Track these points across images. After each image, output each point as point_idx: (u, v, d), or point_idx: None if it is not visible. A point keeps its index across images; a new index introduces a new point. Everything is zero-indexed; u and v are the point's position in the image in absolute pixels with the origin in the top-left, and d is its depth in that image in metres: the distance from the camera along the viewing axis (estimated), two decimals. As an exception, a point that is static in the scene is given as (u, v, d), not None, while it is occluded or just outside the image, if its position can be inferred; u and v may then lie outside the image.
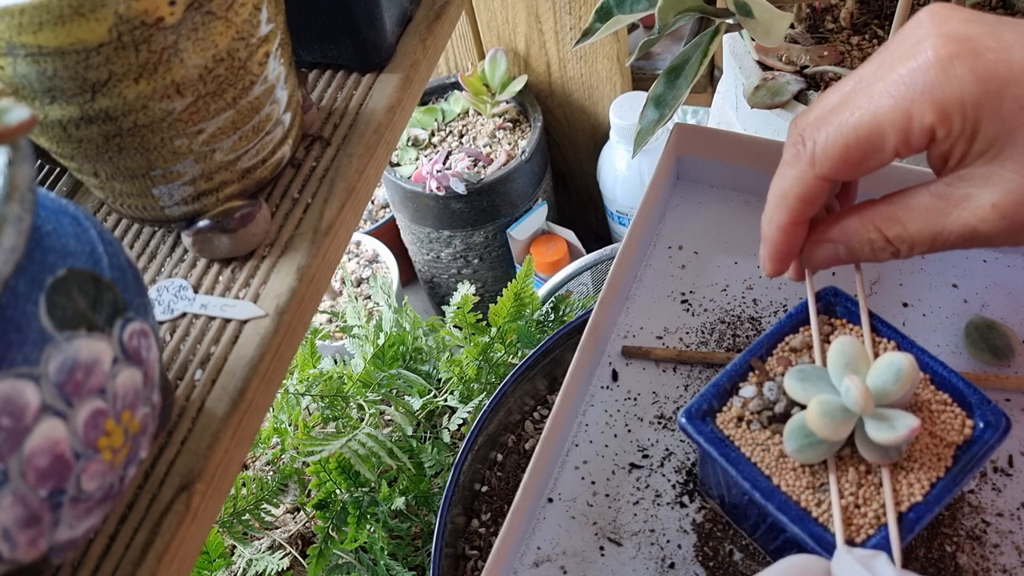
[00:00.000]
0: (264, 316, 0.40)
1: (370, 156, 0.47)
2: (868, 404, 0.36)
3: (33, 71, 0.34)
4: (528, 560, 0.46)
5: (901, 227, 0.36)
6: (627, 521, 0.47)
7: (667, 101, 0.54)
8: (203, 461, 0.36)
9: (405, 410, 0.78)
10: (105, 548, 0.34)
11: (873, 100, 0.35)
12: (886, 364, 0.37)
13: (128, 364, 0.30)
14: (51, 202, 0.31)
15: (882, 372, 0.37)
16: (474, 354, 0.77)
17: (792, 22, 0.66)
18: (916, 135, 0.34)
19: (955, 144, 0.34)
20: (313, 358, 0.82)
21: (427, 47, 0.52)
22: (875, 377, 0.37)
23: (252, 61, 0.39)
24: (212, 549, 0.73)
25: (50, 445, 0.27)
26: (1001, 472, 0.46)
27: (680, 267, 0.56)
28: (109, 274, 0.30)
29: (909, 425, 0.35)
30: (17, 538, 0.27)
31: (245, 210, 0.42)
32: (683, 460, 0.48)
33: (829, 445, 0.37)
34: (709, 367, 0.52)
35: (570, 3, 1.02)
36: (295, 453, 0.78)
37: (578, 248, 1.15)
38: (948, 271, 0.53)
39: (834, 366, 0.38)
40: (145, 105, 0.36)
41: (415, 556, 0.75)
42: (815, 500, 0.38)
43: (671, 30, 0.53)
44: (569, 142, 1.21)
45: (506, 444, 0.59)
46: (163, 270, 0.44)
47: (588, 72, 1.09)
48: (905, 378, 0.37)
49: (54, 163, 0.42)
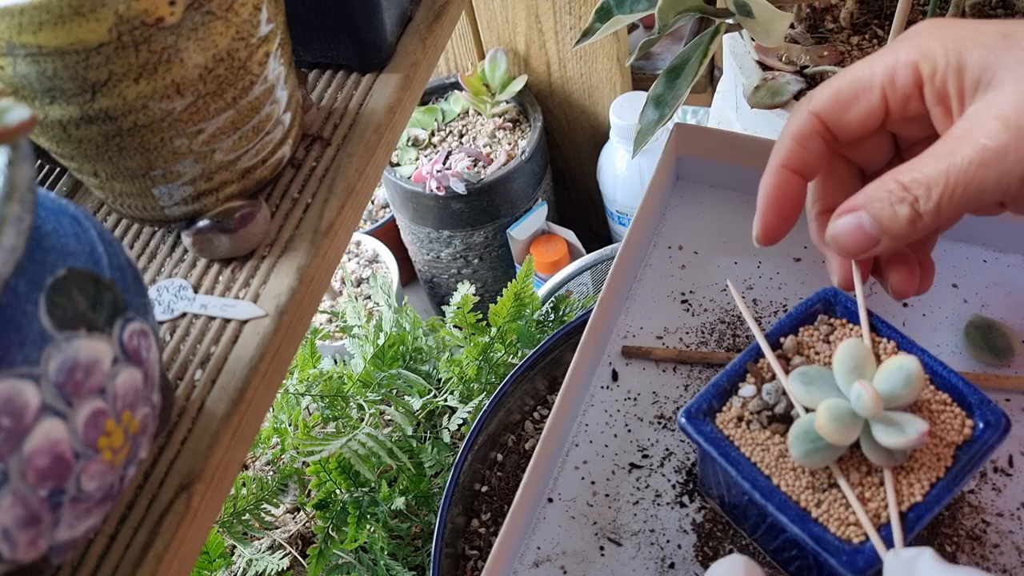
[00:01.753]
0: (264, 316, 0.40)
1: (370, 156, 0.47)
2: (878, 409, 0.36)
3: (33, 71, 0.34)
4: (528, 560, 0.46)
5: (916, 172, 0.35)
6: (627, 521, 0.47)
7: (667, 101, 0.54)
8: (203, 461, 0.36)
9: (405, 410, 0.78)
10: (105, 548, 0.34)
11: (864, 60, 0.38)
12: (895, 368, 0.37)
13: (128, 364, 0.30)
14: (51, 202, 0.31)
15: (891, 376, 0.37)
16: (474, 354, 0.77)
17: (792, 22, 0.66)
18: (901, 71, 0.36)
19: (945, 80, 0.35)
20: (313, 358, 0.82)
21: (427, 47, 0.52)
22: (883, 381, 0.37)
23: (252, 61, 0.39)
24: (212, 549, 0.73)
25: (50, 445, 0.27)
26: (1001, 472, 0.45)
27: (680, 267, 0.56)
28: (109, 274, 0.30)
29: (919, 429, 0.35)
30: (17, 538, 0.27)
31: (245, 210, 0.42)
32: (683, 460, 0.48)
33: (835, 449, 0.37)
34: (709, 367, 0.52)
35: (570, 3, 1.02)
36: (295, 453, 0.78)
37: (578, 248, 1.15)
38: (948, 271, 0.53)
39: (841, 369, 0.38)
40: (145, 105, 0.36)
41: (415, 556, 0.75)
42: (815, 500, 0.38)
43: (671, 30, 0.53)
44: (569, 142, 1.21)
45: (506, 444, 0.59)
46: (163, 270, 0.44)
47: (588, 72, 1.09)
48: (915, 382, 0.37)
49: (54, 163, 0.42)
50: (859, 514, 0.36)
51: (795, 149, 0.39)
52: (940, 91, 0.36)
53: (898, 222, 0.36)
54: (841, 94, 0.38)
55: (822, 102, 0.39)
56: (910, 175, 0.35)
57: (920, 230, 0.36)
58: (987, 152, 0.33)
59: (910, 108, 0.38)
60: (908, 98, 0.37)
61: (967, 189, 0.34)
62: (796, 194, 0.40)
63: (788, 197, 0.40)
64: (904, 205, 0.35)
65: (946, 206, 0.35)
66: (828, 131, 0.39)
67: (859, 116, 0.38)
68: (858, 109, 0.38)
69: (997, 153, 0.33)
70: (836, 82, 0.39)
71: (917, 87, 0.37)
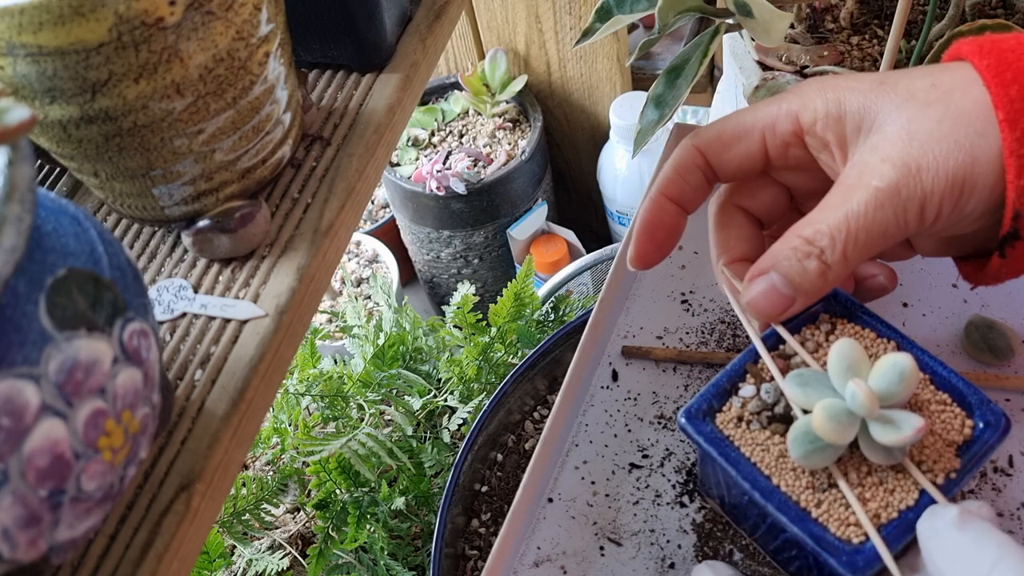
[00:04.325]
0: (264, 316, 0.40)
1: (370, 156, 0.47)
2: (874, 407, 0.36)
3: (33, 71, 0.34)
4: (528, 560, 0.46)
5: (818, 224, 0.36)
6: (627, 521, 0.47)
7: (667, 101, 0.54)
8: (203, 461, 0.36)
9: (405, 410, 0.78)
10: (105, 548, 0.34)
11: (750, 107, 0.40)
12: (889, 365, 0.37)
13: (128, 364, 0.30)
14: (51, 202, 0.31)
15: (885, 374, 0.37)
16: (474, 354, 0.77)
17: (792, 22, 0.66)
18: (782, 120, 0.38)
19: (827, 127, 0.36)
20: (313, 358, 0.82)
21: (427, 47, 0.52)
22: (878, 379, 0.37)
23: (252, 61, 0.39)
24: (212, 549, 0.73)
25: (50, 445, 0.27)
26: (1001, 472, 0.46)
27: (680, 267, 0.56)
28: (109, 274, 0.30)
29: (915, 425, 0.35)
30: (17, 538, 0.27)
31: (245, 210, 0.42)
32: (683, 460, 0.48)
33: (834, 449, 0.37)
34: (709, 367, 0.52)
35: (570, 3, 1.02)
36: (295, 453, 0.78)
37: (578, 248, 1.15)
38: (948, 271, 0.53)
39: (835, 369, 0.38)
40: (145, 105, 0.36)
41: (415, 556, 0.75)
42: (815, 500, 0.38)
43: (671, 30, 0.53)
44: (569, 142, 1.21)
45: (506, 444, 0.59)
46: (163, 270, 0.44)
47: (588, 72, 1.09)
48: (909, 379, 0.37)
49: (54, 163, 0.42)
50: (859, 514, 0.36)
51: (675, 179, 0.41)
52: (822, 139, 0.37)
53: (809, 277, 0.36)
54: (724, 134, 0.40)
55: (705, 138, 0.41)
56: (812, 228, 0.36)
57: (831, 281, 0.37)
58: (880, 193, 0.34)
59: (791, 155, 0.39)
60: (787, 145, 0.39)
61: (869, 232, 0.35)
62: (672, 223, 0.41)
63: (663, 225, 0.41)
64: (812, 259, 0.36)
65: (852, 253, 0.35)
66: (709, 167, 0.41)
67: (738, 156, 0.40)
68: (738, 150, 0.40)
69: (890, 193, 0.34)
70: (722, 123, 0.40)
71: (797, 136, 0.38)
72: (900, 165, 0.34)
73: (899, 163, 0.34)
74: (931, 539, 0.34)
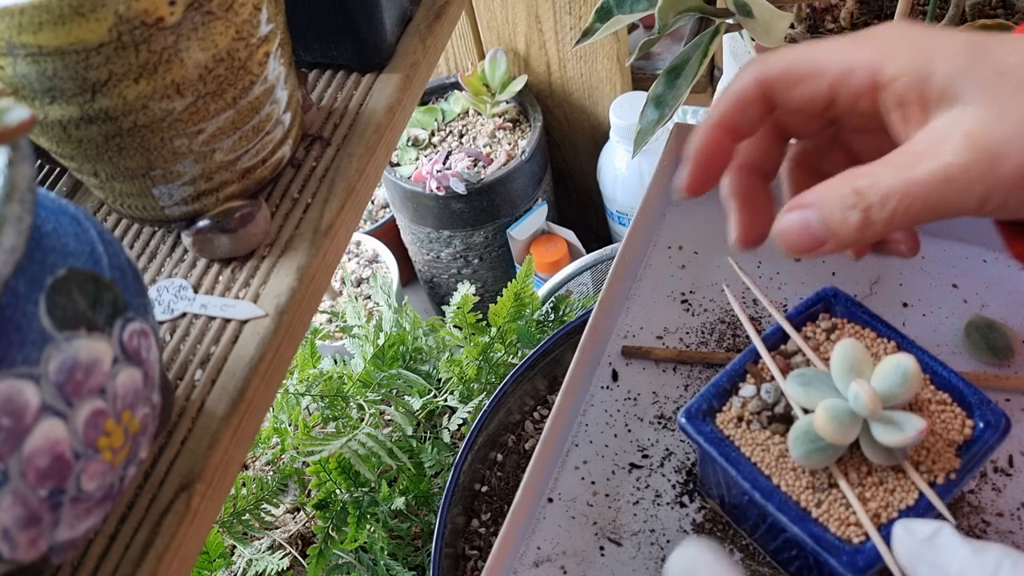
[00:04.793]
0: (264, 316, 0.40)
1: (370, 156, 0.47)
2: (877, 408, 0.36)
3: (33, 71, 0.34)
4: (528, 560, 0.46)
5: (874, 179, 0.34)
6: (627, 521, 0.47)
7: (667, 101, 0.54)
8: (203, 461, 0.36)
9: (405, 410, 0.78)
10: (105, 548, 0.34)
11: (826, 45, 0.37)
12: (892, 367, 0.37)
13: (128, 364, 0.30)
14: (51, 202, 0.31)
15: (888, 374, 0.37)
16: (474, 354, 0.77)
17: (792, 22, 0.66)
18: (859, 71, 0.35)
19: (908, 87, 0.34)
20: (313, 358, 0.82)
21: (427, 47, 0.52)
22: (881, 380, 0.37)
23: (252, 61, 0.39)
24: (212, 549, 0.73)
25: (50, 445, 0.27)
26: (1001, 472, 0.45)
27: (680, 267, 0.56)
28: (109, 274, 0.30)
29: (917, 427, 0.35)
30: (17, 538, 0.27)
31: (245, 210, 0.42)
32: (683, 460, 0.48)
33: (835, 450, 0.37)
34: (709, 367, 0.52)
35: (570, 3, 1.02)
36: (295, 453, 0.78)
37: (578, 248, 1.15)
38: (948, 271, 0.53)
39: (838, 369, 0.38)
40: (145, 105, 0.36)
41: (415, 556, 0.75)
42: (815, 500, 0.38)
43: (671, 30, 0.53)
44: (569, 142, 1.21)
45: (506, 444, 0.59)
46: (163, 270, 0.44)
47: (588, 72, 1.09)
48: (912, 380, 0.37)
49: (54, 163, 0.42)
50: (859, 514, 0.36)
51: (734, 112, 0.39)
52: (901, 96, 0.35)
53: (848, 227, 0.35)
54: (793, 71, 0.37)
55: (773, 72, 0.38)
56: (867, 181, 0.34)
57: (868, 238, 0.35)
58: (950, 169, 0.33)
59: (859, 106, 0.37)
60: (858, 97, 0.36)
61: (925, 203, 0.33)
62: (726, 153, 0.40)
63: (718, 152, 0.40)
64: (855, 211, 0.34)
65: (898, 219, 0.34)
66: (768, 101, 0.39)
67: (802, 97, 0.38)
68: (803, 90, 0.37)
69: (959, 171, 0.33)
70: (791, 58, 0.37)
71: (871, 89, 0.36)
72: (980, 147, 0.32)
73: (980, 145, 0.32)
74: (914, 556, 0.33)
